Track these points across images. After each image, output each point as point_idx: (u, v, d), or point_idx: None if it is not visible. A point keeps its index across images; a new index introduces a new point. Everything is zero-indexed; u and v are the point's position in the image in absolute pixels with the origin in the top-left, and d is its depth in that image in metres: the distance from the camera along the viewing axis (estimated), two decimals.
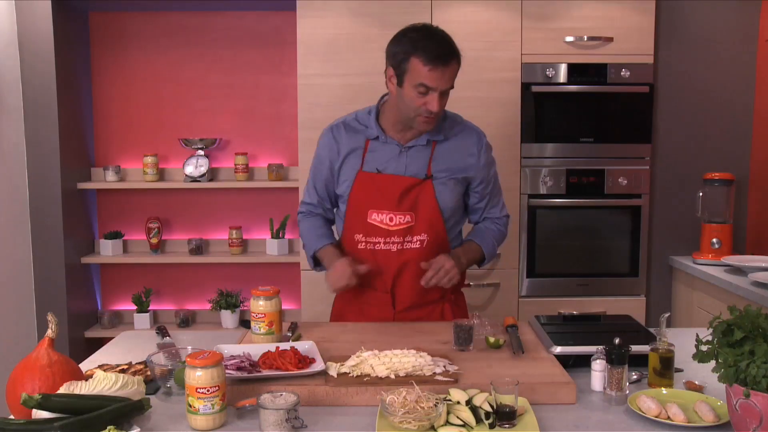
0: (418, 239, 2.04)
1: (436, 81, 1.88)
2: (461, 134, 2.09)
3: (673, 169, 3.41)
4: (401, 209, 2.02)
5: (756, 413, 1.24)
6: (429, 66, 1.86)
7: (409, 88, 1.91)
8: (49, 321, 1.50)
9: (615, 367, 1.53)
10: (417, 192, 2.02)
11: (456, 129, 2.08)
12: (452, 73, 1.91)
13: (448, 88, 1.92)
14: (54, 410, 1.34)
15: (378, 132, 2.05)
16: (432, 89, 1.89)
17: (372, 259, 2.06)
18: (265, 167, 3.68)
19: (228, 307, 3.61)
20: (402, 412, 1.37)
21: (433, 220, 2.04)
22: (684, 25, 3.36)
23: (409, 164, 2.03)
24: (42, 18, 3.25)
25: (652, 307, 3.41)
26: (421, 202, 2.02)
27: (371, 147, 2.05)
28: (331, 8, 3.20)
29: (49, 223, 3.35)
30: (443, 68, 1.87)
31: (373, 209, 2.03)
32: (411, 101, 1.92)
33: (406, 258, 2.04)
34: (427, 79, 1.87)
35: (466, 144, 2.08)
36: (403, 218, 2.03)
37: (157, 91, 3.72)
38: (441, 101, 1.92)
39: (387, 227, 2.03)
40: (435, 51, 1.87)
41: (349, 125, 2.10)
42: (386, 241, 2.04)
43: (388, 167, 2.04)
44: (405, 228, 2.03)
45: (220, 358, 1.44)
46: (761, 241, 3.36)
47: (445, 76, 1.89)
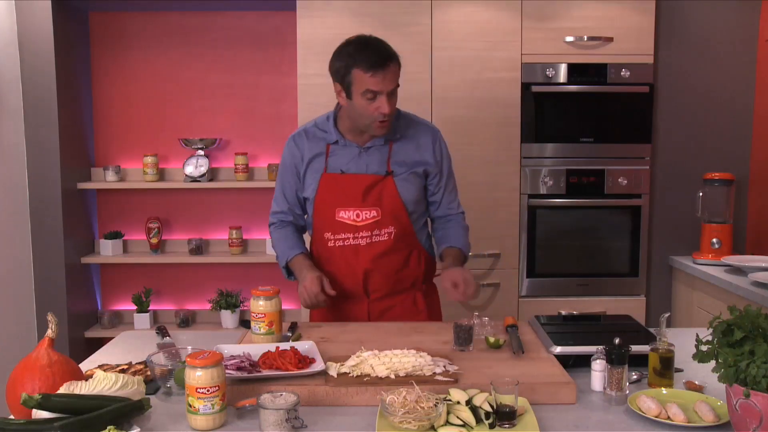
0: (386, 232, 2.13)
1: (379, 84, 1.99)
2: (416, 131, 2.19)
3: (673, 169, 3.41)
4: (367, 205, 2.11)
5: (756, 413, 1.24)
6: (370, 73, 1.98)
7: (357, 97, 2.02)
8: (49, 321, 1.50)
9: (615, 367, 1.53)
10: (380, 188, 2.12)
11: (411, 127, 2.19)
12: (393, 75, 2.02)
13: (394, 87, 2.03)
14: (54, 410, 1.34)
15: (337, 136, 2.15)
16: (378, 93, 2.00)
17: (342, 255, 2.14)
18: (265, 167, 3.68)
19: (228, 307, 3.61)
20: (402, 412, 1.37)
21: (398, 213, 2.13)
22: (684, 25, 3.36)
23: (370, 163, 2.14)
24: (42, 18, 3.25)
25: (652, 307, 3.41)
26: (384, 197, 2.12)
27: (332, 151, 2.16)
28: (331, 8, 3.20)
29: (49, 223, 3.35)
30: (383, 71, 1.98)
31: (340, 207, 2.12)
32: (363, 109, 2.03)
33: (375, 250, 2.13)
34: (371, 84, 1.99)
35: (421, 140, 2.18)
36: (369, 213, 2.12)
37: (157, 91, 3.72)
38: (390, 102, 2.02)
39: (354, 223, 2.12)
40: (372, 58, 1.99)
41: (310, 132, 2.21)
42: (355, 236, 2.13)
43: (350, 167, 2.14)
44: (372, 222, 2.12)
45: (220, 358, 1.44)
46: (761, 241, 3.36)
47: (387, 78, 1.99)
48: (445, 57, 3.22)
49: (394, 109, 2.06)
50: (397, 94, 2.07)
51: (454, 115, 3.21)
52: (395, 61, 2.02)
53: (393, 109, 2.05)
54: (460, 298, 2.03)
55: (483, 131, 3.26)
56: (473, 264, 3.28)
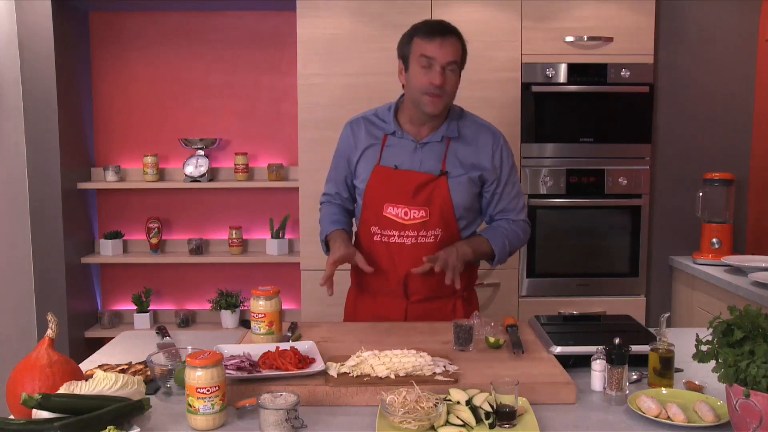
0: (432, 234, 2.07)
1: (435, 51, 1.95)
2: (476, 133, 2.11)
3: (673, 169, 3.41)
4: (416, 204, 2.05)
5: (756, 413, 1.24)
6: (427, 38, 1.96)
7: (413, 66, 1.98)
8: (49, 321, 1.50)
9: (615, 367, 1.53)
10: (431, 188, 2.05)
11: (472, 127, 2.11)
12: (452, 47, 1.96)
13: (451, 62, 1.96)
14: (54, 410, 1.34)
15: (395, 127, 2.10)
16: (433, 60, 1.95)
17: (386, 252, 2.09)
18: (265, 167, 3.68)
19: (228, 307, 3.61)
20: (402, 412, 1.37)
21: (447, 216, 2.07)
22: (684, 25, 3.36)
23: (424, 160, 2.07)
24: (42, 18, 3.25)
25: (652, 307, 3.41)
26: (435, 197, 2.05)
27: (388, 142, 2.10)
28: (331, 8, 3.20)
29: (49, 223, 3.35)
30: (441, 39, 1.95)
31: (389, 203, 2.07)
32: (416, 80, 1.98)
33: (420, 252, 2.05)
34: (426, 50, 1.95)
35: (481, 142, 2.10)
36: (418, 213, 2.06)
37: (157, 91, 3.72)
38: (444, 75, 1.96)
39: (402, 221, 2.06)
40: (432, 26, 1.99)
41: (369, 120, 2.16)
42: (401, 234, 2.07)
43: (404, 163, 2.08)
44: (419, 223, 2.06)
45: (220, 358, 1.44)
46: (761, 241, 3.36)
47: (445, 47, 1.95)
48: None
49: (450, 87, 1.99)
50: (459, 78, 2.02)
51: None
52: (457, 37, 1.99)
53: (447, 85, 1.98)
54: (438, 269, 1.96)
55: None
56: None
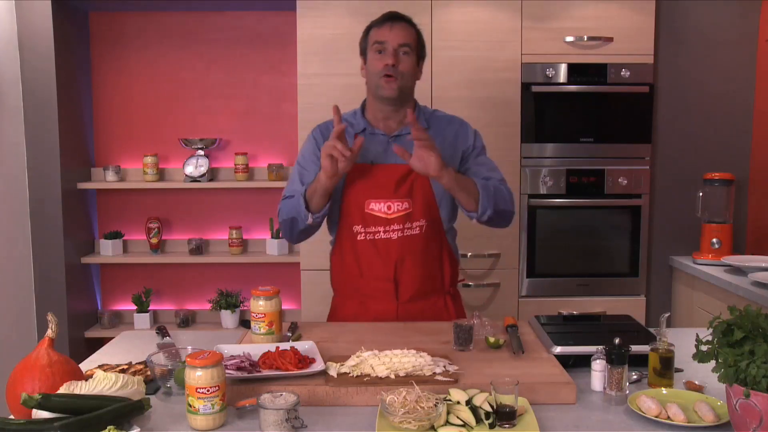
0: (417, 225, 2.08)
1: (386, 35, 2.03)
2: (446, 124, 2.17)
3: (673, 169, 3.41)
4: (398, 197, 2.07)
5: (756, 413, 1.24)
6: (378, 25, 2.06)
7: (370, 55, 2.06)
8: (49, 321, 1.50)
9: (615, 367, 1.53)
10: (412, 179, 2.07)
11: (441, 120, 2.18)
12: (403, 30, 2.04)
13: (403, 44, 2.03)
14: (54, 410, 1.34)
15: (364, 124, 2.13)
16: (385, 43, 2.02)
17: (373, 250, 2.08)
18: (265, 167, 3.68)
19: (228, 307, 3.61)
20: (402, 412, 1.37)
21: (430, 205, 2.09)
22: (684, 25, 3.36)
23: None
24: (42, 18, 3.25)
25: (652, 307, 3.41)
26: (416, 188, 2.07)
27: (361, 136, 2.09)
28: (331, 8, 3.20)
29: (49, 223, 3.35)
30: (391, 24, 2.04)
31: (371, 199, 2.07)
32: (372, 66, 2.05)
33: (407, 245, 2.07)
34: (378, 35, 2.04)
35: (452, 129, 2.16)
36: (401, 205, 2.07)
37: (157, 91, 3.72)
38: (397, 57, 2.02)
39: (386, 215, 2.07)
40: (383, 15, 2.08)
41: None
42: (386, 229, 2.07)
43: (380, 158, 2.10)
44: (404, 215, 2.07)
45: (220, 358, 1.44)
46: (761, 241, 3.36)
47: (395, 31, 2.03)
48: (445, 57, 3.22)
49: (405, 70, 2.04)
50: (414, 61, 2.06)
51: None
52: (408, 22, 2.07)
53: (401, 67, 2.03)
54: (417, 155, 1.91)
55: (483, 131, 3.19)
56: (474, 264, 3.29)
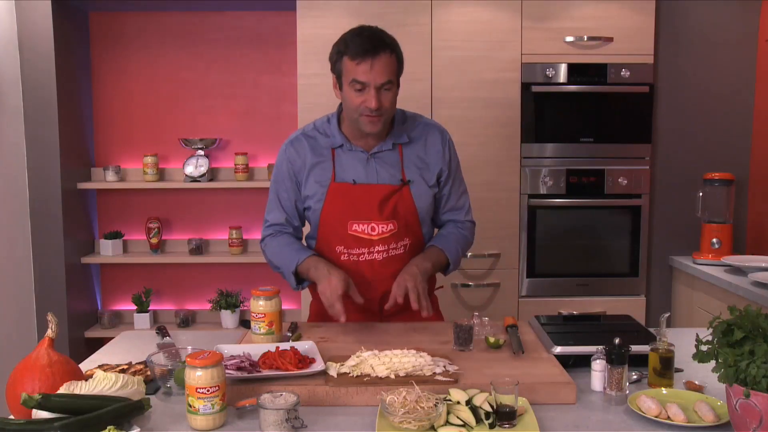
0: (402, 245, 2.01)
1: (365, 75, 1.83)
2: (424, 133, 2.04)
3: (673, 169, 3.41)
4: (383, 218, 1.97)
5: (756, 413, 1.24)
6: (356, 60, 1.83)
7: (346, 88, 1.88)
8: (49, 321, 1.50)
9: (615, 367, 1.53)
10: (396, 199, 1.97)
11: (418, 128, 2.04)
12: (384, 66, 1.84)
13: (385, 82, 1.85)
14: (54, 410, 1.34)
15: (342, 140, 1.99)
16: (365, 84, 1.84)
17: (356, 271, 1.99)
18: (265, 167, 3.68)
19: (228, 307, 3.61)
20: (402, 412, 1.37)
21: (413, 224, 2.02)
22: (684, 25, 3.36)
23: (380, 171, 1.98)
24: (42, 18, 3.25)
25: (652, 307, 3.41)
26: (400, 208, 1.98)
27: (337, 156, 1.99)
28: (331, 8, 3.20)
29: (49, 223, 3.35)
30: (372, 60, 1.82)
31: (354, 220, 1.97)
32: (351, 102, 1.88)
33: (392, 266, 1.99)
34: (356, 74, 1.84)
35: (430, 142, 2.04)
36: (386, 227, 1.98)
37: (157, 91, 3.72)
38: (380, 97, 1.85)
39: (369, 237, 1.97)
40: (361, 45, 1.83)
41: (310, 136, 2.03)
42: (370, 251, 1.99)
43: (360, 176, 1.98)
44: (389, 236, 1.98)
45: (220, 358, 1.44)
46: (761, 241, 3.36)
47: (375, 69, 1.83)
48: (445, 57, 3.22)
49: (388, 105, 1.88)
50: (396, 91, 1.91)
51: (454, 115, 3.21)
52: (389, 51, 1.85)
53: (384, 105, 1.87)
54: (400, 300, 1.86)
55: (483, 131, 3.26)
56: (474, 264, 3.29)
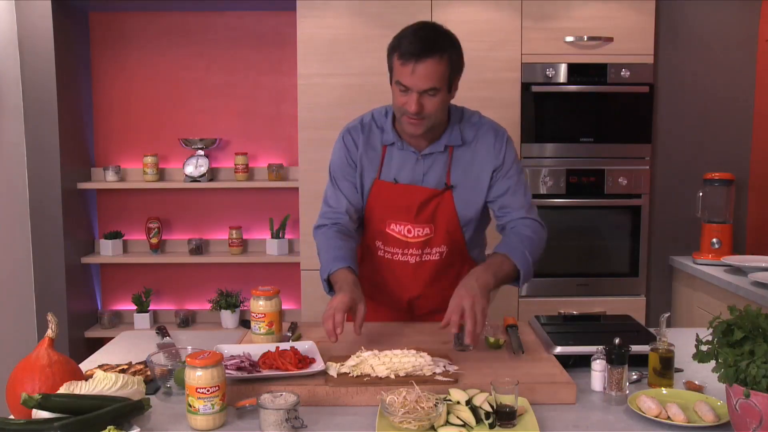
0: (437, 251, 1.97)
1: (407, 78, 1.75)
2: (479, 134, 1.94)
3: (673, 169, 3.41)
4: (419, 221, 1.93)
5: (756, 413, 1.24)
6: (401, 61, 1.76)
7: (393, 86, 1.83)
8: (49, 321, 1.50)
9: (615, 367, 1.53)
10: (436, 203, 1.92)
11: (473, 129, 1.95)
12: (428, 72, 1.74)
13: (430, 88, 1.76)
14: (54, 410, 1.34)
15: (394, 138, 1.93)
16: (408, 87, 1.77)
17: (390, 268, 2.01)
18: (265, 167, 3.68)
19: (228, 307, 3.61)
20: (402, 412, 1.37)
21: (452, 231, 1.96)
22: (684, 25, 3.36)
23: (427, 173, 1.93)
24: (42, 18, 3.25)
25: (652, 307, 3.41)
26: (440, 213, 1.93)
27: (388, 153, 1.95)
28: (331, 8, 3.20)
29: (49, 223, 3.35)
30: (415, 64, 1.73)
31: (392, 220, 1.96)
32: (395, 100, 1.83)
33: (423, 270, 1.99)
34: (400, 75, 1.77)
35: (483, 143, 1.94)
36: (422, 230, 1.94)
37: (157, 91, 3.72)
38: (420, 102, 1.77)
39: (405, 238, 1.96)
40: (409, 46, 1.75)
41: (366, 126, 1.99)
42: (404, 252, 1.97)
43: (405, 176, 1.93)
44: (423, 240, 1.95)
45: (220, 358, 1.44)
46: (761, 241, 3.36)
47: (418, 73, 1.74)
48: None
49: (431, 111, 1.79)
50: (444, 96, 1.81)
51: None
52: (438, 56, 1.74)
53: (426, 110, 1.78)
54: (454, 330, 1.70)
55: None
56: None
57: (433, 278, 2.01)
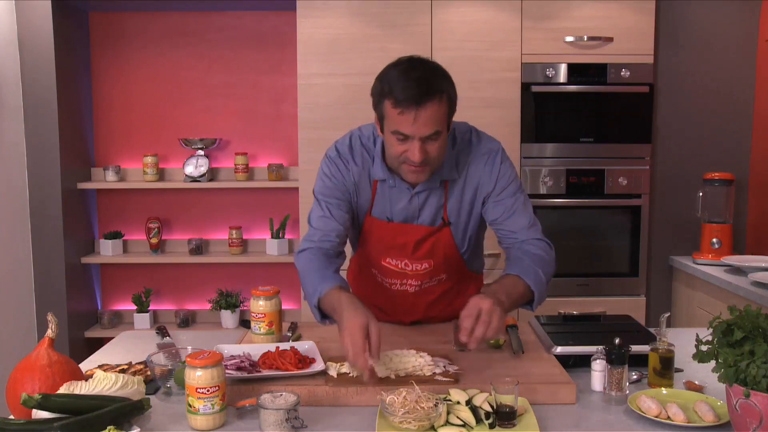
0: (437, 279, 1.93)
1: (409, 127, 1.59)
2: (470, 161, 1.81)
3: (673, 169, 3.42)
4: (417, 258, 1.86)
5: (756, 413, 1.24)
6: (398, 109, 1.58)
7: (387, 134, 1.65)
8: (49, 321, 1.50)
9: (615, 367, 1.53)
10: (434, 240, 1.83)
11: (466, 156, 1.81)
12: (430, 116, 1.58)
13: (433, 133, 1.61)
14: (54, 410, 1.34)
15: (385, 175, 1.78)
16: (408, 136, 1.61)
17: (387, 295, 1.96)
18: (265, 167, 3.68)
19: (228, 307, 3.61)
20: (402, 412, 1.37)
21: (452, 261, 1.90)
22: (684, 25, 3.36)
23: (423, 209, 1.82)
24: (42, 18, 3.25)
25: (652, 307, 3.41)
26: (438, 249, 1.85)
27: (380, 187, 1.81)
28: (331, 8, 3.20)
29: (49, 223, 3.35)
30: (416, 111, 1.57)
31: (387, 256, 1.88)
32: (392, 149, 1.67)
33: (423, 297, 1.96)
34: (399, 124, 1.59)
35: (476, 171, 1.81)
36: (421, 265, 1.88)
37: (157, 91, 3.72)
38: (424, 149, 1.62)
39: (403, 271, 1.89)
40: (405, 92, 1.57)
41: (358, 153, 1.82)
42: (402, 282, 1.92)
43: (399, 213, 1.81)
44: (423, 273, 1.89)
45: (220, 358, 1.44)
46: (761, 241, 3.36)
47: (420, 120, 1.57)
48: (445, 57, 3.21)
49: (435, 155, 1.65)
50: (446, 136, 1.67)
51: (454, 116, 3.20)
52: (437, 98, 1.58)
53: (431, 156, 1.64)
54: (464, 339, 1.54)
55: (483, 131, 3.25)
56: None
57: (434, 302, 1.99)
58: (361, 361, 1.45)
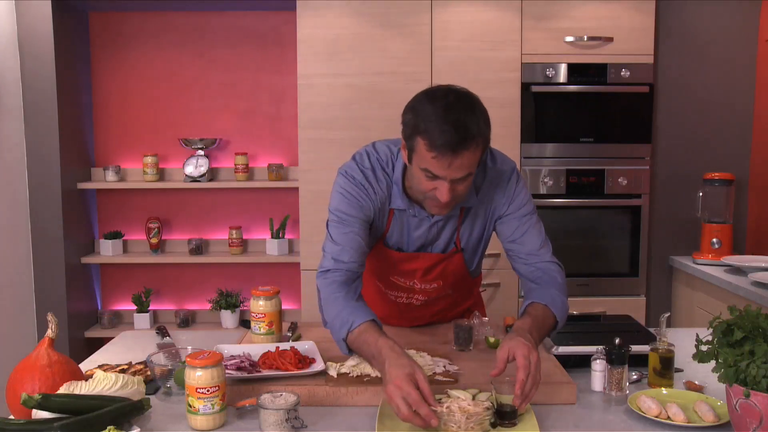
0: (445, 294, 1.96)
1: (442, 171, 1.55)
2: (487, 184, 1.78)
3: (673, 169, 3.42)
4: (427, 280, 1.87)
5: (756, 413, 1.24)
6: (433, 153, 1.52)
7: (416, 169, 1.61)
8: (49, 321, 1.50)
9: (615, 367, 1.53)
10: (444, 265, 1.84)
11: (481, 179, 1.77)
12: (465, 162, 1.54)
13: (465, 175, 1.58)
14: (54, 410, 1.34)
15: (405, 205, 1.74)
16: (440, 178, 1.57)
17: (392, 305, 1.99)
18: (265, 167, 3.68)
19: (228, 307, 3.61)
20: (464, 418, 1.35)
21: (461, 280, 1.93)
22: (684, 25, 3.36)
23: (440, 236, 1.81)
24: (42, 18, 3.25)
25: (652, 307, 3.41)
26: (448, 272, 1.86)
27: (397, 213, 1.78)
28: (332, 8, 3.20)
29: (49, 223, 3.35)
30: (452, 157, 1.52)
31: (396, 275, 1.88)
32: (419, 184, 1.63)
33: (432, 309, 2.00)
34: (431, 166, 1.55)
35: (492, 194, 1.79)
36: (430, 286, 1.89)
37: (157, 91, 3.72)
38: (454, 189, 1.59)
39: (411, 287, 1.91)
40: (442, 137, 1.51)
41: (380, 177, 1.75)
42: (409, 296, 1.93)
43: (415, 241, 1.80)
44: (431, 290, 1.91)
45: (220, 358, 1.44)
46: (761, 241, 3.36)
47: (454, 166, 1.53)
48: (445, 57, 3.22)
49: (463, 192, 1.63)
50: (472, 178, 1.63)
51: None
52: (474, 144, 1.54)
53: (458, 194, 1.62)
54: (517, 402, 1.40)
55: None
56: None
57: (439, 311, 2.03)
58: (424, 410, 1.33)
